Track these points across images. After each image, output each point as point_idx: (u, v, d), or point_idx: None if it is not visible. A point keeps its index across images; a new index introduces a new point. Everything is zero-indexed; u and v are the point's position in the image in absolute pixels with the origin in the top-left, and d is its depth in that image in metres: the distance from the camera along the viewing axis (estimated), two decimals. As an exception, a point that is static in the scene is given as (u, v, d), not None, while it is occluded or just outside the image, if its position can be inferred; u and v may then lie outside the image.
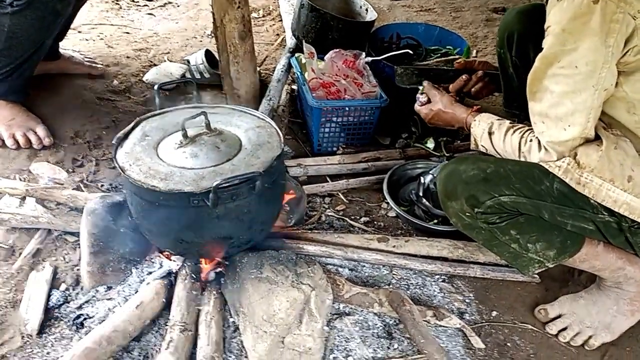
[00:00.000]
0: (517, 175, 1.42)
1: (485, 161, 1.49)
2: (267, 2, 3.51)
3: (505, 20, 1.96)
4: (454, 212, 1.51)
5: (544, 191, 1.39)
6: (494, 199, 1.42)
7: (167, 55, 2.87)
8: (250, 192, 1.35)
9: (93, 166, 2.08)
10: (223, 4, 2.11)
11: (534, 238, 1.46)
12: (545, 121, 1.38)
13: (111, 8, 3.29)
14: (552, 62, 1.32)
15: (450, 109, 1.77)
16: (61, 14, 1.99)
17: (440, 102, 1.80)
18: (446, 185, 1.52)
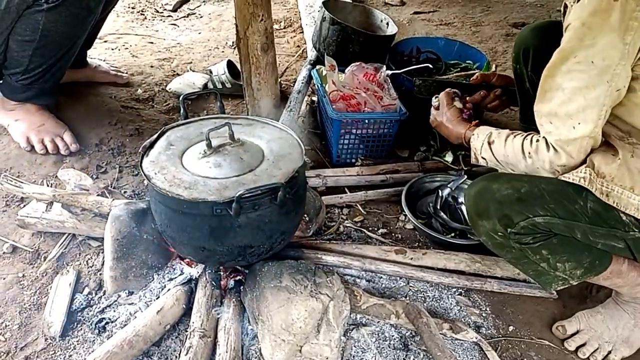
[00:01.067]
0: (552, 194, 1.39)
1: (519, 180, 1.45)
2: (288, 14, 3.56)
3: (521, 35, 1.96)
4: (484, 231, 1.48)
5: (578, 211, 1.37)
6: (528, 219, 1.39)
7: (189, 65, 2.92)
8: (272, 202, 1.38)
9: (117, 173, 2.12)
10: (247, 16, 2.15)
11: (564, 258, 1.45)
12: (553, 121, 1.37)
13: (136, 18, 3.36)
14: (568, 56, 1.32)
15: (450, 124, 1.77)
16: (93, 12, 2.05)
17: (444, 114, 1.81)
18: (477, 204, 1.49)
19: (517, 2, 3.88)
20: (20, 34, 1.94)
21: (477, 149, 1.60)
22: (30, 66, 2.02)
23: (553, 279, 1.50)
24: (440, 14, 3.69)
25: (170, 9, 3.50)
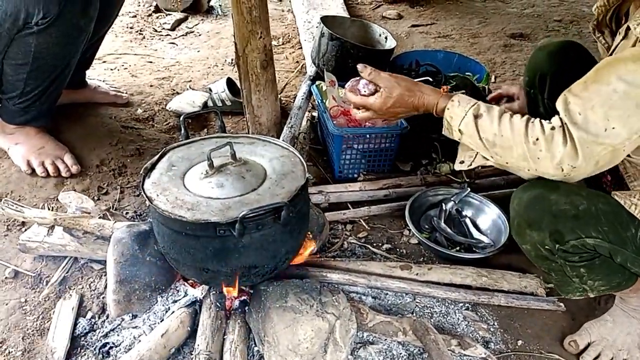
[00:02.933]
0: (607, 216, 1.33)
1: (578, 194, 1.35)
2: (286, 30, 3.57)
3: (537, 60, 1.87)
4: (531, 241, 1.42)
5: (628, 239, 1.33)
6: (579, 239, 1.34)
7: (189, 83, 2.92)
8: (275, 221, 1.37)
9: (118, 194, 2.11)
10: (245, 34, 2.15)
11: (598, 277, 1.43)
12: (587, 114, 1.23)
13: (135, 38, 3.37)
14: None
15: (416, 89, 1.49)
16: (85, 30, 2.04)
17: (398, 85, 1.49)
18: (529, 212, 1.40)
19: (514, 13, 3.90)
20: (13, 58, 1.94)
21: (456, 119, 1.38)
22: (26, 89, 2.02)
23: (575, 290, 1.49)
24: (437, 26, 3.71)
25: (168, 27, 3.51)
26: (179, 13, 3.67)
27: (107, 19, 2.35)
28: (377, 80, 1.52)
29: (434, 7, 3.95)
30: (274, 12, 3.79)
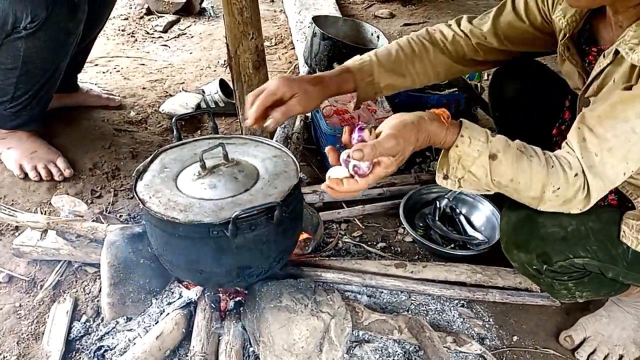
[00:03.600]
0: (597, 234, 1.32)
1: (567, 215, 1.28)
2: (279, 31, 3.57)
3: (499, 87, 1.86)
4: (519, 260, 1.42)
5: (619, 255, 1.32)
6: (568, 260, 1.34)
7: (182, 85, 2.92)
8: (268, 222, 1.37)
9: (111, 197, 2.11)
10: (237, 35, 2.14)
11: (587, 290, 1.43)
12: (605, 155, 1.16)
13: (127, 41, 3.36)
14: None
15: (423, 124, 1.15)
16: (73, 33, 2.04)
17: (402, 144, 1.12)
18: (517, 234, 1.39)
19: (506, 10, 3.90)
20: (2, 62, 1.94)
21: (466, 160, 1.17)
22: (16, 94, 2.02)
23: (563, 297, 1.50)
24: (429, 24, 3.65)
25: (160, 30, 3.51)
26: (171, 15, 3.67)
27: (98, 21, 2.34)
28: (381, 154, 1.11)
29: (425, 6, 3.95)
30: (266, 12, 3.79)
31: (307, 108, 1.39)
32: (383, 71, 1.54)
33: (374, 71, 1.54)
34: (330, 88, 1.47)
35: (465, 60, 1.62)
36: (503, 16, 1.56)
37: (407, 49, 1.59)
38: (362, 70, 1.54)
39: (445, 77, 1.67)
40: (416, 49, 1.59)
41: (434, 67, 1.60)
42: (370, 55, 1.57)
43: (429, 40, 1.61)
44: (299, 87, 1.36)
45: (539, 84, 1.70)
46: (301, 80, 1.40)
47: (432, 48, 1.59)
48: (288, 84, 1.35)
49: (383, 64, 1.55)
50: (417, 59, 1.58)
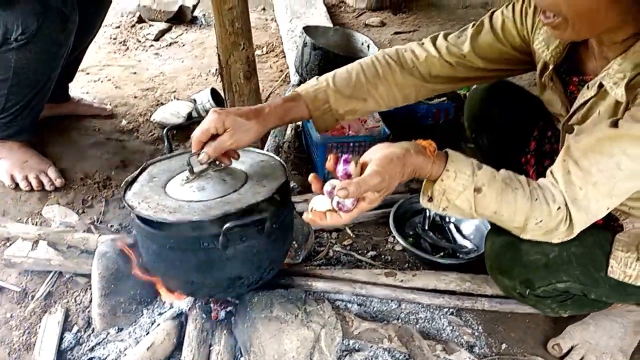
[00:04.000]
0: (580, 259, 1.32)
1: (549, 243, 1.30)
2: (270, 39, 3.59)
3: (473, 110, 1.87)
4: (503, 284, 1.45)
5: (601, 278, 1.33)
6: (550, 285, 1.36)
7: (173, 94, 2.93)
8: (259, 232, 1.38)
9: (103, 207, 2.12)
10: (228, 45, 2.16)
11: (570, 308, 1.46)
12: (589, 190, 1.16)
13: (118, 49, 3.37)
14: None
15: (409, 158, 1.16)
16: (64, 45, 2.05)
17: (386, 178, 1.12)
18: (501, 260, 1.40)
19: (495, 18, 3.94)
20: None
21: (451, 193, 1.18)
22: (7, 104, 2.03)
23: (548, 313, 1.53)
24: (420, 33, 3.74)
25: (152, 38, 3.52)
26: (162, 23, 3.68)
27: (89, 32, 2.35)
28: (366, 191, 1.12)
29: (416, 14, 3.99)
30: (258, 21, 3.81)
31: (241, 142, 1.37)
32: (341, 97, 1.47)
33: (330, 98, 1.47)
34: (271, 120, 1.42)
35: (440, 79, 1.55)
36: (481, 36, 1.50)
37: (370, 71, 1.50)
38: (316, 98, 1.47)
39: (416, 98, 1.59)
40: (380, 70, 1.50)
41: (401, 88, 1.53)
42: (328, 79, 1.49)
43: (396, 61, 1.52)
44: (231, 122, 1.35)
45: (513, 109, 1.69)
46: (236, 113, 1.37)
47: (399, 69, 1.51)
48: (220, 118, 1.34)
49: (340, 90, 1.47)
50: (381, 81, 1.50)
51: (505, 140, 1.80)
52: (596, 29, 1.17)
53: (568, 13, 1.13)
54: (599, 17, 1.12)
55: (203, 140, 1.38)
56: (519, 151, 1.75)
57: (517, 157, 1.75)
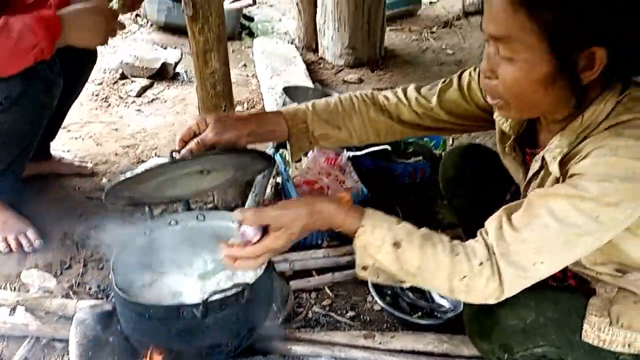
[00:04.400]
0: (555, 323, 1.35)
1: (526, 307, 1.35)
2: (251, 95, 3.66)
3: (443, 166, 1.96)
4: (482, 349, 1.47)
5: (577, 343, 1.35)
6: (527, 350, 1.38)
7: (155, 151, 2.95)
8: (238, 300, 1.40)
9: (81, 268, 2.11)
10: (210, 107, 2.21)
11: None
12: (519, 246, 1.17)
13: (100, 106, 3.40)
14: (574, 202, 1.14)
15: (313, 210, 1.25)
16: (48, 107, 2.07)
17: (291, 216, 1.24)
18: (480, 323, 1.43)
19: (469, 75, 4.07)
20: None
21: (371, 249, 1.22)
22: None
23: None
24: (397, 91, 3.84)
25: (134, 94, 3.56)
26: (144, 80, 3.73)
27: (73, 93, 2.40)
28: (264, 221, 1.25)
29: (392, 71, 4.10)
30: (239, 77, 3.89)
31: (222, 137, 1.39)
32: (317, 119, 1.52)
33: (308, 118, 1.52)
34: (251, 123, 1.46)
35: (406, 125, 1.62)
36: (449, 92, 1.58)
37: (347, 103, 1.57)
38: (295, 116, 1.52)
39: (386, 137, 1.65)
40: (356, 104, 1.57)
41: (373, 124, 1.59)
42: (307, 104, 1.56)
43: (371, 99, 1.60)
44: (213, 118, 1.42)
45: (485, 173, 1.75)
46: (218, 114, 1.44)
47: (373, 107, 1.58)
48: (202, 117, 1.43)
49: (318, 113, 1.53)
50: (356, 114, 1.56)
51: (479, 203, 1.85)
52: (536, 110, 1.26)
53: (508, 97, 1.20)
54: (536, 101, 1.20)
55: (186, 139, 1.43)
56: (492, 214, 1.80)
57: None
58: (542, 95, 1.17)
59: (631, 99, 1.18)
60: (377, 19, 4.04)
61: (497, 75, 1.19)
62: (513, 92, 1.19)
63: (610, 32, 1.08)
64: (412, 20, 5.12)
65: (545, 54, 1.11)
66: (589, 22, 1.06)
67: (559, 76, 1.13)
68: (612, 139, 1.14)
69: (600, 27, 1.07)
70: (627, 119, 1.15)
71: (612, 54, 1.10)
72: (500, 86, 1.19)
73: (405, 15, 5.11)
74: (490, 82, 1.21)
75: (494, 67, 1.18)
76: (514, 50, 1.12)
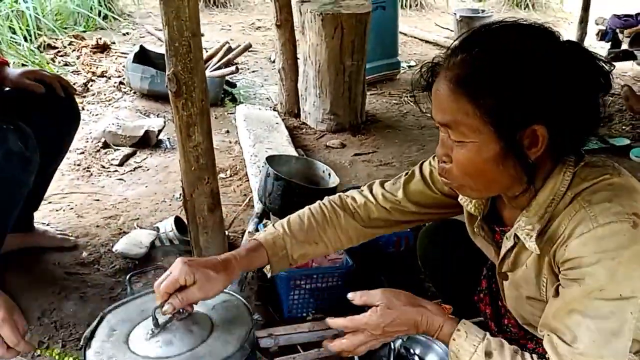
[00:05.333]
0: None
1: None
2: (234, 162, 3.68)
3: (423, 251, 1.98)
4: None
5: None
6: None
7: (136, 221, 2.93)
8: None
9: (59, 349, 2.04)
10: (193, 180, 2.22)
11: None
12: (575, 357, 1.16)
13: (82, 176, 3.39)
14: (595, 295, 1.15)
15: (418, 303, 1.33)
16: (25, 184, 2.06)
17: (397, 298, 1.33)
18: None
19: (449, 139, 4.14)
20: None
21: (463, 354, 1.24)
22: None
23: None
24: (379, 154, 3.89)
25: (116, 163, 3.56)
26: (127, 148, 3.74)
27: (50, 167, 2.39)
28: (370, 300, 1.32)
29: (374, 135, 4.17)
30: (222, 143, 3.92)
31: (208, 294, 1.42)
32: (295, 242, 1.56)
33: (287, 245, 1.55)
34: (236, 272, 1.49)
35: (377, 223, 1.65)
36: (412, 184, 1.62)
37: (319, 215, 1.62)
38: (275, 245, 1.55)
39: (357, 241, 1.68)
40: (327, 214, 1.62)
41: (344, 231, 1.63)
42: (284, 226, 1.58)
43: (340, 206, 1.64)
44: (201, 274, 1.39)
45: (460, 249, 1.75)
46: (206, 265, 1.42)
47: (343, 213, 1.62)
48: (190, 271, 1.38)
49: (296, 236, 1.57)
50: (328, 224, 1.61)
51: (456, 279, 1.86)
52: (493, 188, 1.29)
53: (462, 178, 1.26)
54: (490, 179, 1.24)
55: (170, 292, 1.39)
56: (471, 289, 1.80)
57: (469, 295, 1.79)
58: (495, 173, 1.22)
59: (583, 169, 1.24)
60: (357, 84, 4.14)
61: (451, 159, 1.25)
62: (468, 173, 1.23)
63: (546, 110, 1.14)
64: (392, 84, 5.27)
65: (491, 135, 1.17)
66: (526, 103, 1.13)
67: (507, 155, 1.19)
68: (586, 210, 1.18)
69: (537, 107, 1.13)
70: (588, 185, 1.21)
71: (552, 131, 1.16)
72: (455, 168, 1.24)
73: (385, 80, 5.26)
74: (445, 165, 1.27)
75: (448, 152, 1.24)
76: (462, 133, 1.19)
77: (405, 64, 5.71)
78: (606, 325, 1.15)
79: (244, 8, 8.48)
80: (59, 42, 5.66)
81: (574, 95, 1.15)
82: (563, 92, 1.14)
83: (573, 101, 1.16)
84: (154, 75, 4.42)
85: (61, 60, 5.31)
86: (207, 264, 1.43)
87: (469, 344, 1.24)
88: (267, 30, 7.11)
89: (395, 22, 5.22)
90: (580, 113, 1.19)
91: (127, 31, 6.70)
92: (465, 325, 1.27)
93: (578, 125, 1.21)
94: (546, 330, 1.24)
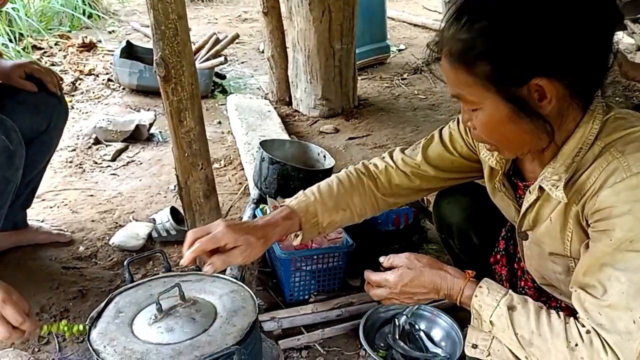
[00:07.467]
0: None
1: None
2: (227, 152, 3.65)
3: (441, 212, 1.93)
4: None
5: None
6: None
7: (132, 214, 2.90)
8: (227, 366, 1.33)
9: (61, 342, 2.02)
10: (187, 167, 2.18)
11: None
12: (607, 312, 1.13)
13: (75, 172, 3.35)
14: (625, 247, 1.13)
15: (439, 267, 1.35)
16: (11, 181, 2.03)
17: (418, 260, 1.37)
18: None
19: (443, 119, 4.13)
20: None
21: (485, 310, 1.23)
22: None
23: None
24: (373, 137, 3.87)
25: (109, 159, 3.52)
26: (119, 143, 3.70)
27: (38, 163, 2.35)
28: (396, 262, 1.39)
29: (367, 119, 4.14)
30: (214, 134, 3.88)
31: (247, 260, 1.43)
32: (326, 210, 1.57)
33: (319, 212, 1.56)
34: (274, 238, 1.51)
35: (398, 190, 1.66)
36: (431, 147, 1.63)
37: (346, 182, 1.64)
38: (307, 212, 1.56)
39: (381, 209, 1.70)
40: (354, 181, 1.64)
41: (370, 199, 1.64)
42: (314, 193, 1.59)
43: (364, 172, 1.66)
44: (243, 240, 1.40)
45: (479, 210, 1.76)
46: (247, 231, 1.42)
47: (367, 181, 1.64)
48: (234, 234, 1.39)
49: (326, 202, 1.58)
50: (355, 192, 1.62)
51: (474, 241, 1.84)
52: (523, 146, 1.28)
53: (491, 140, 1.28)
54: (515, 138, 1.25)
55: (207, 250, 1.39)
56: (488, 251, 1.78)
57: (486, 256, 1.78)
58: (515, 132, 1.22)
59: (615, 119, 1.24)
60: (348, 68, 4.11)
61: (474, 126, 1.26)
62: (492, 136, 1.26)
63: (543, 62, 1.12)
64: (383, 68, 5.24)
65: (496, 98, 1.17)
66: (518, 60, 1.12)
67: (519, 113, 1.18)
68: (619, 160, 1.16)
69: (532, 62, 1.12)
70: (620, 136, 1.20)
71: (560, 80, 1.14)
72: (480, 133, 1.27)
73: (376, 64, 5.23)
74: (474, 132, 1.29)
75: (470, 119, 1.27)
76: (472, 102, 1.22)
77: (395, 48, 5.68)
78: (637, 277, 1.12)
79: (229, 1, 8.42)
80: (44, 43, 5.60)
81: (572, 38, 1.11)
82: (558, 39, 1.11)
83: (572, 45, 1.12)
84: (142, 70, 4.37)
85: (48, 60, 5.26)
86: (248, 229, 1.44)
87: (491, 298, 1.23)
88: (253, 21, 7.06)
89: (383, 6, 5.18)
90: (586, 54, 1.14)
91: (113, 29, 6.63)
92: (488, 282, 1.28)
93: (588, 67, 1.17)
94: (576, 286, 1.21)
